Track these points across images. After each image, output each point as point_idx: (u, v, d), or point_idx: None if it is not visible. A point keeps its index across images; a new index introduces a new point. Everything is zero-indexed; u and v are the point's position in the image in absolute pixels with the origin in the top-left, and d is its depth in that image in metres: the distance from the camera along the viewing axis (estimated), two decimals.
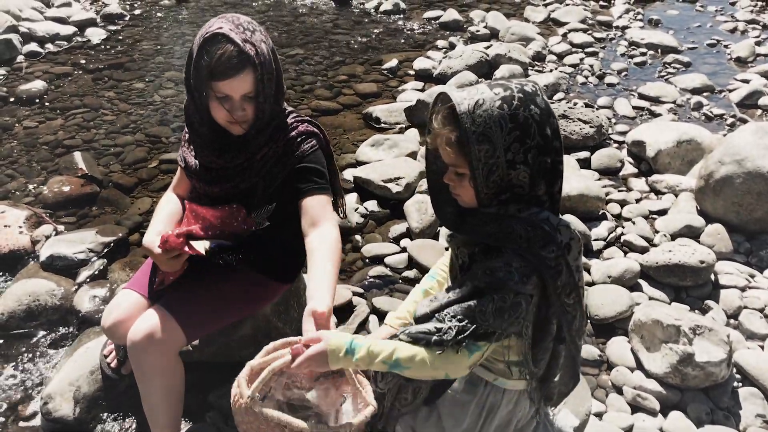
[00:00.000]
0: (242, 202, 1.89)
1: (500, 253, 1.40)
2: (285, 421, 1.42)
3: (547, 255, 1.36)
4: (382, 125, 4.21)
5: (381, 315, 2.63)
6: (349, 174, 3.54)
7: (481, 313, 1.38)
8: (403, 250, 3.05)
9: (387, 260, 2.98)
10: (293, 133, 1.86)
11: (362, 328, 2.61)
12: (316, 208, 1.81)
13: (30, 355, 2.51)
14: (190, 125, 1.91)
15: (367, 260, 3.02)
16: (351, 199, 3.36)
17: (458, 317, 1.40)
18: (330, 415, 1.62)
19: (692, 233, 3.03)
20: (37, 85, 4.55)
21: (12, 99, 4.43)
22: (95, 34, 5.53)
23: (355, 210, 3.26)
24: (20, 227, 3.04)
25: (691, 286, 2.75)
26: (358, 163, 3.71)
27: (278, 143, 1.84)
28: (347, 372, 1.58)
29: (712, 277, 2.79)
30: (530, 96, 1.36)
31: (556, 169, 1.40)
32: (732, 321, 2.63)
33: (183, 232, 1.83)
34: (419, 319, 1.52)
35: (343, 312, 2.65)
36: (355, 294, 2.74)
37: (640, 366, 2.40)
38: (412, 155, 3.71)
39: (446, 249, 1.63)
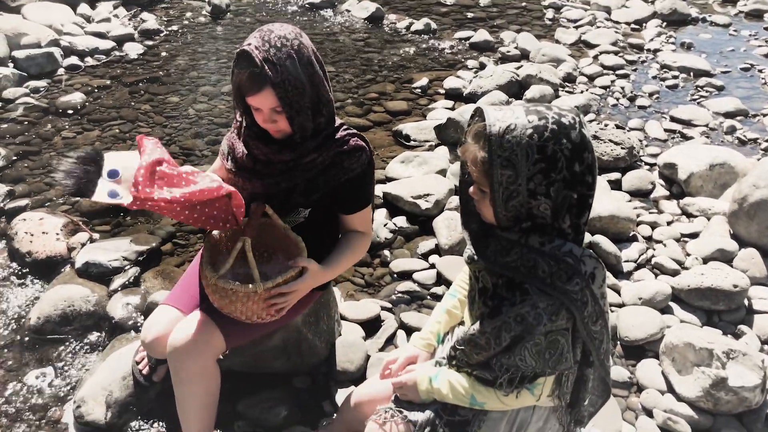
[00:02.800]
0: (278, 201, 1.91)
1: (524, 291, 1.42)
2: (236, 288, 1.73)
3: (572, 288, 1.38)
4: (412, 142, 4.24)
5: (409, 330, 2.64)
6: (378, 190, 3.56)
7: (522, 361, 1.46)
8: (432, 266, 3.06)
9: (415, 276, 2.99)
10: (344, 147, 1.88)
11: (390, 342, 2.62)
12: (357, 222, 2.01)
13: (64, 359, 2.56)
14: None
15: (396, 275, 3.03)
16: (380, 214, 3.38)
17: (505, 367, 1.49)
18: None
19: (725, 257, 2.99)
20: (76, 97, 4.67)
21: (52, 110, 4.54)
22: (133, 49, 5.66)
23: (384, 225, 3.28)
24: (57, 234, 3.12)
25: (723, 310, 2.71)
26: (388, 180, 3.73)
27: (328, 153, 1.86)
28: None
29: (746, 302, 2.75)
30: (565, 129, 1.34)
31: (585, 202, 1.39)
32: (766, 347, 2.58)
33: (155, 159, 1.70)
34: (461, 343, 1.59)
35: (371, 326, 2.66)
36: (383, 309, 2.75)
37: (671, 389, 2.37)
38: (442, 172, 3.73)
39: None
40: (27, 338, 2.65)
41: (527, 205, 1.37)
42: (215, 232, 1.94)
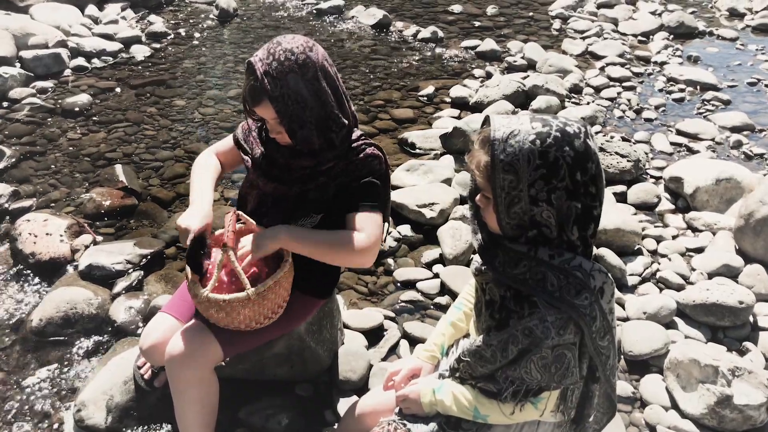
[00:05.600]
0: (289, 205, 1.91)
1: (533, 304, 1.41)
2: (229, 298, 1.74)
3: (581, 302, 1.37)
4: (417, 151, 4.23)
5: (412, 340, 2.63)
6: None
7: (528, 373, 1.45)
8: (436, 275, 3.04)
9: (419, 285, 2.98)
10: (360, 155, 1.88)
11: (392, 352, 2.60)
12: (360, 221, 1.84)
13: (65, 362, 2.55)
14: None
15: (399, 284, 3.02)
16: None
17: (510, 380, 1.49)
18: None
19: (730, 273, 2.98)
20: (83, 98, 4.67)
21: (58, 111, 4.55)
22: (140, 51, 5.67)
23: (388, 233, 3.27)
24: (61, 236, 3.11)
25: (728, 326, 2.69)
26: (393, 188, 3.72)
27: (344, 162, 1.87)
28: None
29: (751, 318, 2.73)
30: (568, 137, 1.33)
31: (590, 214, 1.38)
32: None
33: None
34: (467, 354, 1.58)
35: (374, 335, 2.65)
36: (386, 318, 2.74)
37: (675, 405, 2.35)
38: (447, 181, 3.72)
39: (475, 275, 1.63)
40: (28, 340, 2.64)
41: (530, 213, 1.37)
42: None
